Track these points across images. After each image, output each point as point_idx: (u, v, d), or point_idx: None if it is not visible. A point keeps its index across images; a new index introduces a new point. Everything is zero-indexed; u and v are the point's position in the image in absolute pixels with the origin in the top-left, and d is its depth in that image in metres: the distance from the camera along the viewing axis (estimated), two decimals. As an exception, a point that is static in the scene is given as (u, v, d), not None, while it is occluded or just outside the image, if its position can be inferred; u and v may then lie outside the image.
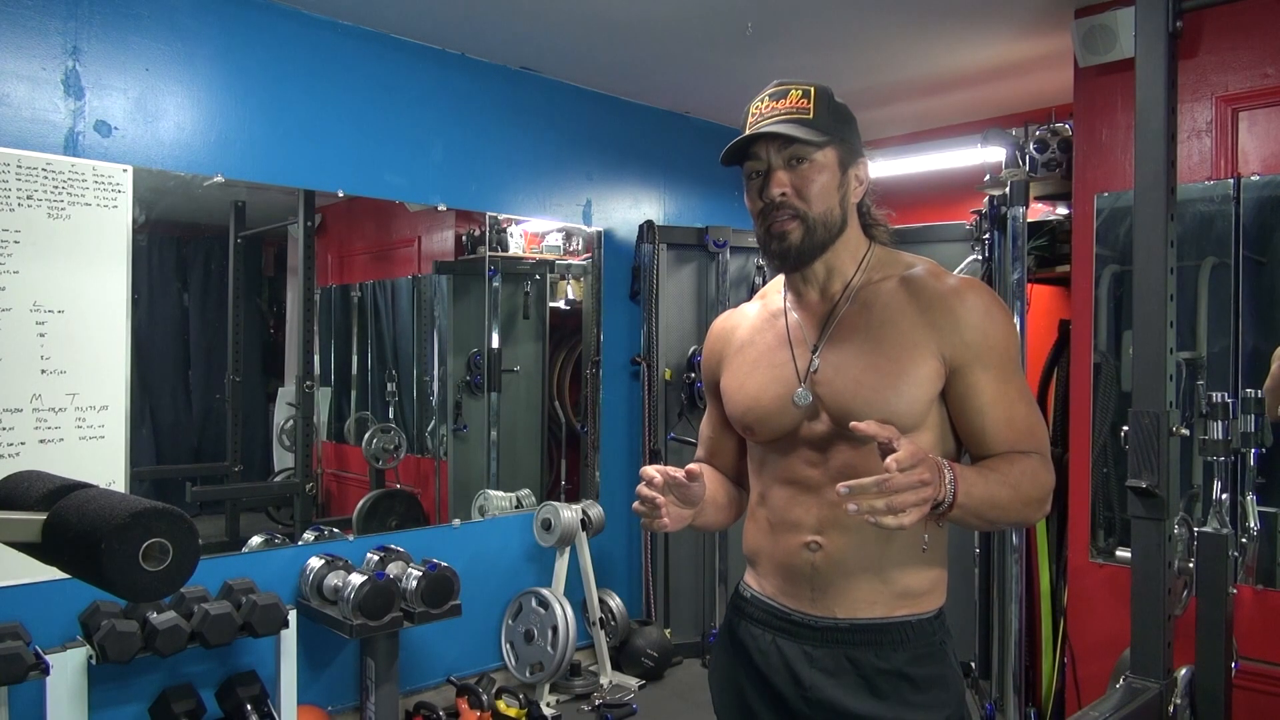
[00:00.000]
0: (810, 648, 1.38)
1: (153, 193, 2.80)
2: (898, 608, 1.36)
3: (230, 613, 2.60)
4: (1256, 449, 2.29)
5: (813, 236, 1.35)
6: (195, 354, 3.22)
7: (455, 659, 3.54)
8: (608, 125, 4.12)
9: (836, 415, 1.34)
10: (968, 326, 1.32)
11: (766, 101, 1.38)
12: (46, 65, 2.59)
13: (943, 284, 1.36)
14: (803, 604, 1.39)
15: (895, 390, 1.31)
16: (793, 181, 1.34)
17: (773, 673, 1.42)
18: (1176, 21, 1.88)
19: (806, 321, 1.43)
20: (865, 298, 1.39)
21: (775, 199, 1.34)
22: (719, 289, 4.19)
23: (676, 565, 4.18)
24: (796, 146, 1.34)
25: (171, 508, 0.71)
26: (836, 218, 1.37)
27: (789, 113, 1.35)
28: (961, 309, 1.33)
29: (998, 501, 1.26)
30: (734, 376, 1.48)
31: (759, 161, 1.37)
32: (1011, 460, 1.31)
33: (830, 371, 1.36)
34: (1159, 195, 1.88)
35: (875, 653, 1.35)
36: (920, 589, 1.37)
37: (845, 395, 1.33)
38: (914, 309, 1.34)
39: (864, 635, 1.35)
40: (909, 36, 3.35)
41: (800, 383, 1.38)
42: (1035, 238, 3.36)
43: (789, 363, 1.40)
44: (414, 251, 3.84)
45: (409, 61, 3.41)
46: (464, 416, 3.91)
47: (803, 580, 1.38)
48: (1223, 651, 1.97)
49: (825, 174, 1.35)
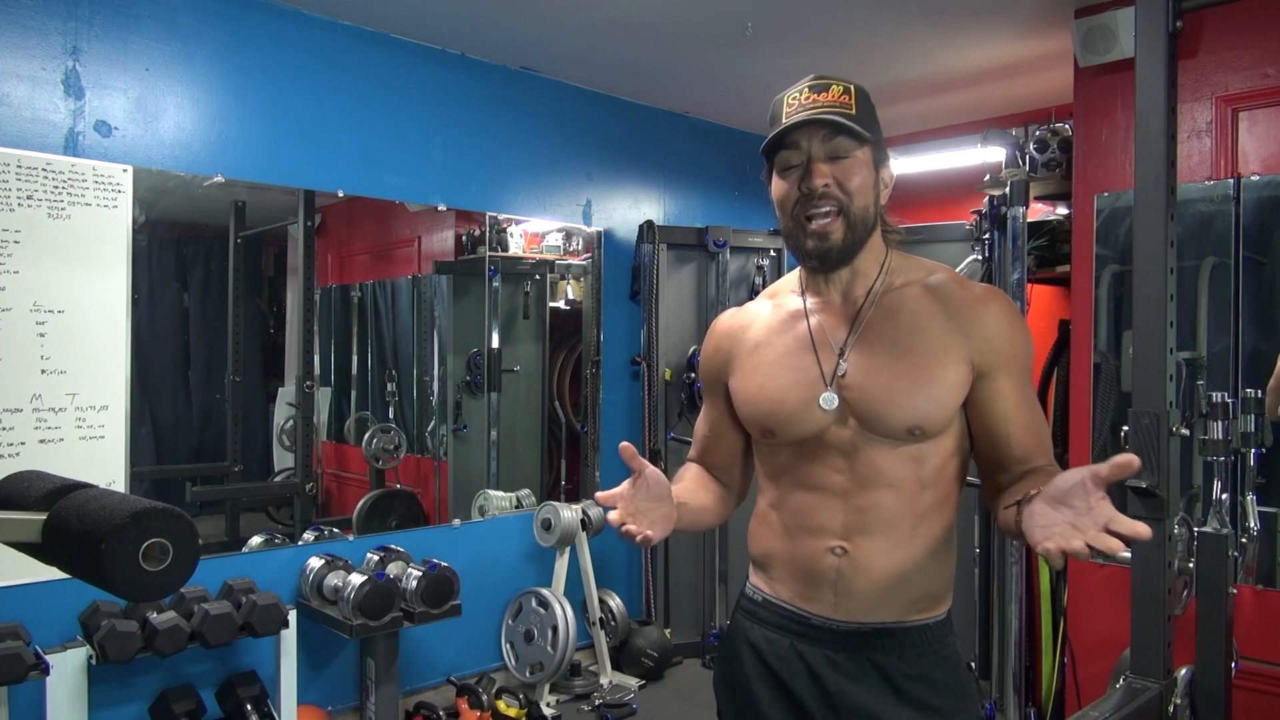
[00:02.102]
0: (832, 652, 1.37)
1: (153, 193, 2.80)
2: (912, 613, 1.36)
3: (230, 613, 2.60)
4: (1256, 449, 2.29)
5: (854, 233, 1.34)
6: (195, 354, 3.22)
7: (455, 659, 3.54)
8: (608, 125, 4.12)
9: (865, 419, 1.33)
10: (995, 333, 1.33)
11: (806, 93, 1.34)
12: (46, 65, 2.59)
13: (969, 291, 1.37)
14: (824, 608, 1.37)
15: (926, 395, 1.31)
16: (834, 174, 1.32)
17: (793, 678, 1.39)
18: (1176, 21, 1.88)
19: (830, 324, 1.40)
20: (890, 302, 1.38)
21: (818, 189, 1.31)
22: (719, 289, 4.19)
23: (676, 565, 4.18)
24: (839, 141, 1.31)
25: (171, 508, 0.71)
26: (871, 216, 1.36)
27: (832, 106, 1.31)
28: (989, 316, 1.34)
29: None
30: (749, 378, 1.45)
31: (798, 152, 1.33)
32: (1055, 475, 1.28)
33: (859, 375, 1.34)
34: (1159, 195, 1.88)
35: (899, 656, 1.35)
36: (936, 593, 1.38)
37: (876, 400, 1.32)
38: (943, 315, 1.34)
39: (888, 640, 1.35)
40: (909, 36, 3.35)
41: (826, 386, 1.36)
42: (1035, 238, 3.36)
43: (813, 366, 1.38)
44: (414, 251, 3.84)
45: (409, 61, 3.42)
46: (464, 416, 3.91)
47: (825, 584, 1.36)
48: (1223, 651, 1.97)
49: (864, 170, 1.33)
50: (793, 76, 1.41)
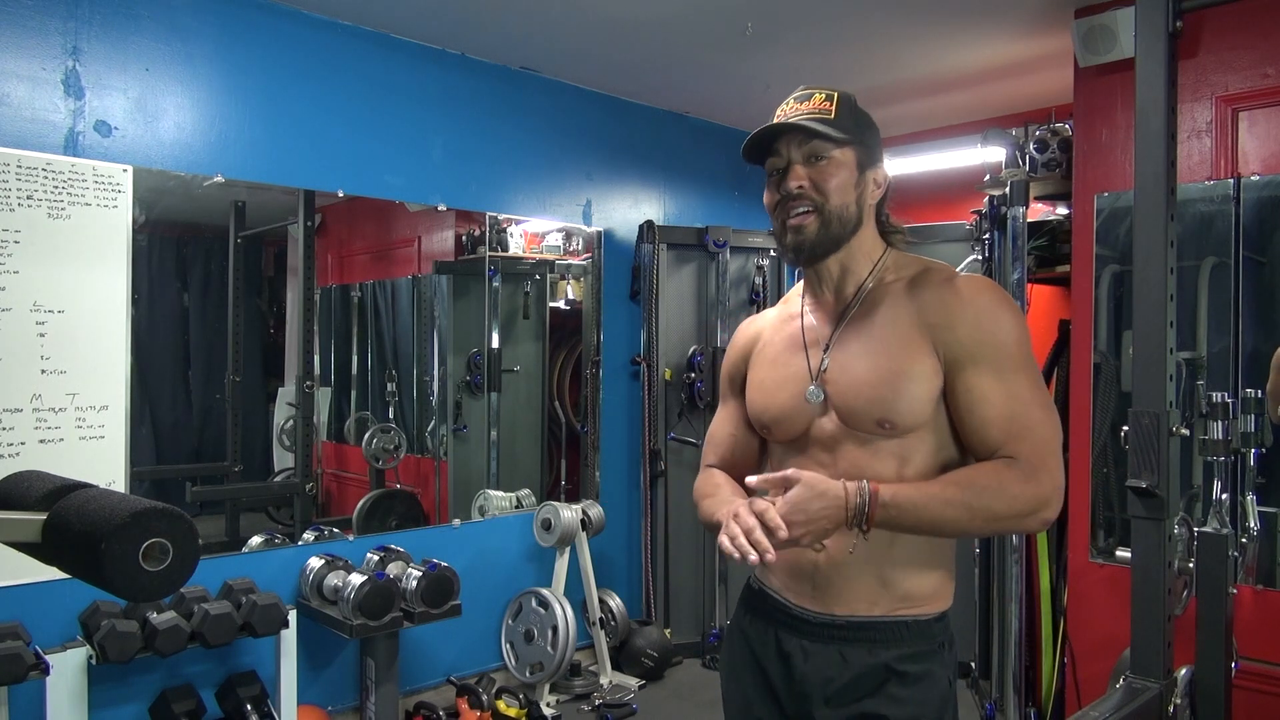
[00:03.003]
0: (807, 642, 1.40)
1: (153, 193, 2.80)
2: (898, 609, 1.37)
3: (230, 613, 2.60)
4: (1256, 449, 2.29)
5: (828, 229, 1.38)
6: (195, 354, 3.22)
7: (455, 659, 3.54)
8: (608, 125, 4.12)
9: (843, 414, 1.37)
10: (961, 321, 1.32)
11: (791, 104, 1.43)
12: (46, 65, 2.59)
13: (943, 281, 1.38)
14: (804, 600, 1.41)
15: (894, 389, 1.33)
16: (811, 176, 1.38)
17: (769, 664, 1.44)
18: (1176, 21, 1.88)
19: (821, 322, 1.46)
20: (874, 298, 1.42)
21: (792, 190, 1.38)
22: (719, 289, 4.19)
23: (676, 565, 4.18)
24: (816, 144, 1.37)
25: (171, 508, 0.71)
26: (852, 215, 1.40)
27: (811, 113, 1.39)
28: (958, 305, 1.34)
29: (941, 520, 1.27)
30: (753, 377, 1.52)
31: (779, 158, 1.41)
32: (976, 474, 1.30)
33: (837, 370, 1.39)
34: (1159, 195, 1.88)
35: (868, 649, 1.36)
36: (923, 593, 1.38)
37: (850, 394, 1.36)
38: (913, 306, 1.37)
39: (859, 632, 1.37)
40: (909, 36, 3.35)
41: (812, 381, 1.41)
42: (1035, 238, 3.36)
43: (802, 363, 1.43)
44: (414, 251, 3.84)
45: (409, 61, 3.41)
46: (464, 416, 3.91)
47: (805, 578, 1.40)
48: (1223, 651, 1.97)
49: (843, 171, 1.38)
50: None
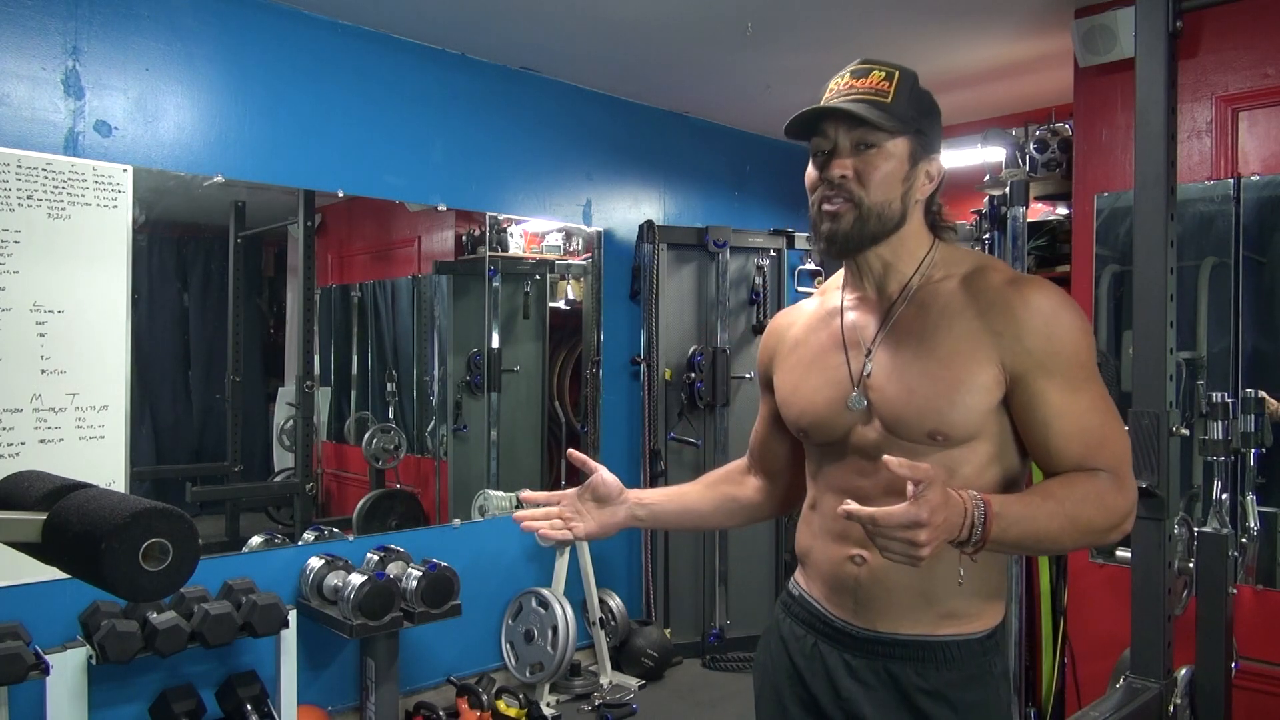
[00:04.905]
0: (850, 657, 1.34)
1: (153, 193, 2.80)
2: (942, 627, 1.30)
3: (230, 613, 2.59)
4: (1256, 449, 2.29)
5: (864, 225, 1.27)
6: (195, 354, 3.22)
7: (455, 659, 3.54)
8: (608, 125, 4.12)
9: (889, 423, 1.28)
10: (1030, 331, 1.22)
11: (846, 78, 1.30)
12: (46, 65, 2.58)
13: (1004, 283, 1.27)
14: (845, 613, 1.35)
15: (950, 399, 1.23)
16: (856, 165, 1.26)
17: (811, 676, 1.38)
18: (1176, 21, 1.88)
19: (863, 321, 1.36)
20: (923, 298, 1.31)
21: (834, 179, 1.27)
22: (719, 289, 4.19)
23: (676, 565, 4.18)
24: (865, 130, 1.26)
25: (171, 508, 0.71)
26: (895, 211, 1.29)
27: (866, 93, 1.27)
28: (1024, 311, 1.23)
29: (1045, 535, 1.18)
30: (787, 377, 1.44)
31: (826, 140, 1.29)
32: (1073, 485, 1.21)
33: (883, 376, 1.29)
34: (1159, 195, 1.88)
35: (916, 669, 1.29)
36: (968, 611, 1.31)
37: (897, 403, 1.27)
38: (972, 311, 1.26)
39: (906, 650, 1.30)
40: (909, 36, 3.35)
41: (854, 386, 1.31)
42: (1035, 238, 3.36)
43: (843, 365, 1.34)
44: (414, 251, 3.84)
45: (409, 61, 3.41)
46: (464, 416, 3.91)
47: (846, 591, 1.34)
48: (1223, 651, 1.97)
49: (891, 163, 1.27)
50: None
